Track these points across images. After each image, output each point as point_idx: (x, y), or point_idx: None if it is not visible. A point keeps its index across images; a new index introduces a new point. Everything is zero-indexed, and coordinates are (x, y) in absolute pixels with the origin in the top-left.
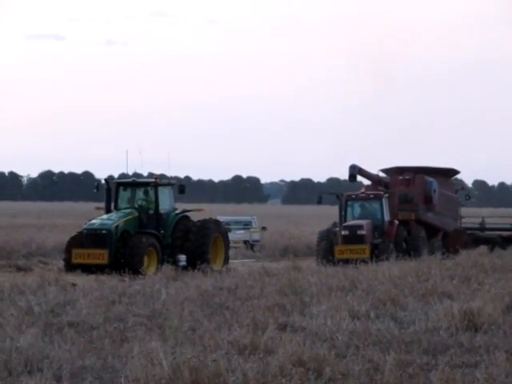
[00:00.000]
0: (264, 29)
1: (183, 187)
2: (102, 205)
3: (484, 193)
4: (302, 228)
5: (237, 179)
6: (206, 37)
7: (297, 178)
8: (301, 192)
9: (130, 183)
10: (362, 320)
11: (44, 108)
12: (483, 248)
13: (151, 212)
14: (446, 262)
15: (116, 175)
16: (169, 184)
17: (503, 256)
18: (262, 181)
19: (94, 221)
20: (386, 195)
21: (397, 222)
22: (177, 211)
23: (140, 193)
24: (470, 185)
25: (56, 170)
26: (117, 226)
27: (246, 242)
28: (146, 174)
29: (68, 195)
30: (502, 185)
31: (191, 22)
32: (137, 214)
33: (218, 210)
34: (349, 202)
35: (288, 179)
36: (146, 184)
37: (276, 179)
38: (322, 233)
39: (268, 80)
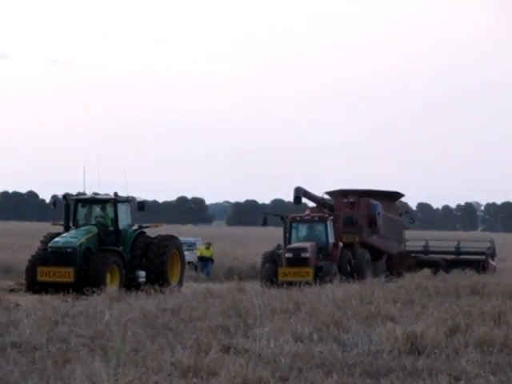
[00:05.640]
0: (211, 50)
1: (143, 204)
2: (47, 224)
3: (428, 216)
4: (246, 249)
5: (181, 200)
6: (151, 57)
7: (241, 200)
8: (246, 213)
9: (89, 200)
10: (305, 342)
11: None
12: (427, 271)
13: (110, 228)
14: (390, 285)
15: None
16: (127, 200)
17: (447, 279)
18: (207, 202)
19: (57, 239)
20: (331, 217)
21: (341, 244)
22: (134, 227)
23: (98, 209)
24: (414, 208)
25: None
26: (81, 244)
27: (189, 263)
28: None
29: (13, 215)
30: (446, 208)
31: (137, 42)
32: (97, 231)
33: (162, 231)
34: (293, 224)
35: (233, 200)
36: (106, 201)
37: (221, 200)
38: (266, 255)
39: (213, 102)
